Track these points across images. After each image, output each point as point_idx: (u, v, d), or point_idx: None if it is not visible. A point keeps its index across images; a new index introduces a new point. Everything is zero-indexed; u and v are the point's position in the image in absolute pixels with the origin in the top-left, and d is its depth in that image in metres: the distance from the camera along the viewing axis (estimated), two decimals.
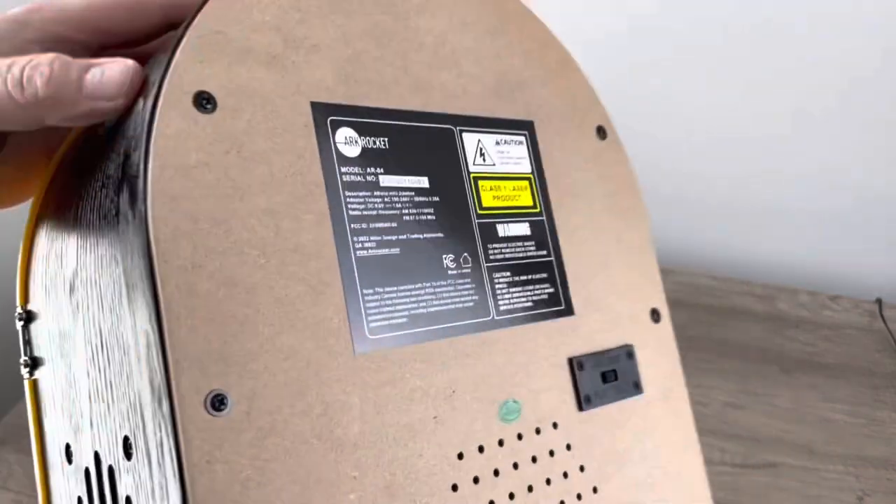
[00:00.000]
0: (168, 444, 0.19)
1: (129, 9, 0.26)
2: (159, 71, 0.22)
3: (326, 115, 0.24)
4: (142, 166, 0.20)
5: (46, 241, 0.27)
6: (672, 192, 0.84)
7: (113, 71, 0.22)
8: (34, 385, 0.27)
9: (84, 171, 0.25)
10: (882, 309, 0.76)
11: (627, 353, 0.31)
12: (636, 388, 0.30)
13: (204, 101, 0.21)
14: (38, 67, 0.22)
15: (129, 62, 0.23)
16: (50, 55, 0.22)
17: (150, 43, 0.28)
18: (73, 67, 0.22)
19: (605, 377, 0.30)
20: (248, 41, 0.23)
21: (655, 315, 0.33)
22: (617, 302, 0.31)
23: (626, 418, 0.30)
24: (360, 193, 0.24)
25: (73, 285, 0.24)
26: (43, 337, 0.26)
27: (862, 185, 0.80)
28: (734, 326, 0.74)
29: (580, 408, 0.28)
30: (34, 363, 0.27)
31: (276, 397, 0.21)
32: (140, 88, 0.23)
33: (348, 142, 0.24)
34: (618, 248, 0.32)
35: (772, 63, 0.76)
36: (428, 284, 0.25)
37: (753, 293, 0.79)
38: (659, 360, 0.32)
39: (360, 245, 0.24)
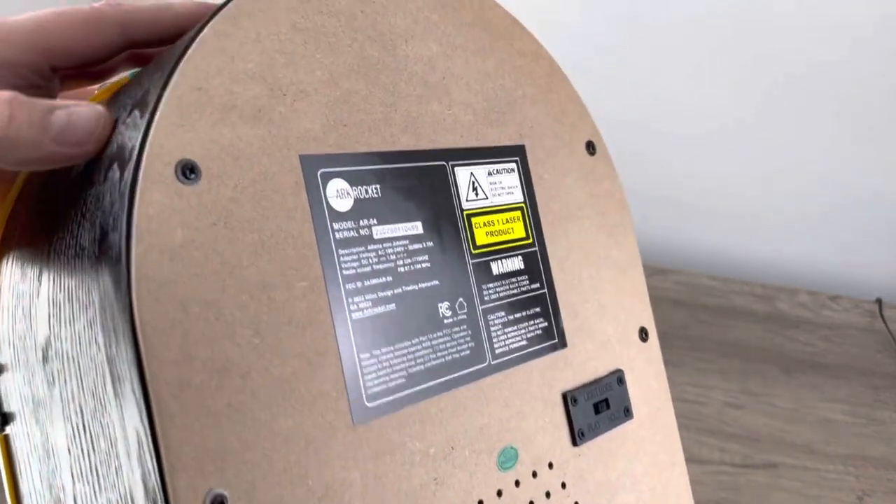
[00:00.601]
0: None
1: (83, 27, 0.24)
2: (136, 135, 0.20)
3: (316, 168, 0.23)
4: (124, 251, 0.19)
5: (10, 294, 0.25)
6: (672, 192, 0.83)
7: (81, 116, 0.21)
8: (6, 441, 0.26)
9: (53, 223, 0.23)
10: (882, 309, 0.76)
11: (618, 378, 0.30)
12: (627, 413, 0.30)
13: (188, 171, 0.20)
14: None
15: (99, 108, 0.21)
16: (6, 94, 0.20)
17: (106, 63, 0.26)
18: (37, 108, 0.20)
19: (597, 408, 0.29)
20: (231, 95, 0.21)
21: (644, 334, 0.32)
22: (608, 326, 0.31)
23: (618, 446, 0.30)
24: (354, 250, 0.23)
25: (47, 355, 0.23)
26: (13, 394, 0.25)
27: (862, 186, 0.80)
28: (734, 326, 0.74)
29: (574, 443, 0.28)
30: (5, 418, 0.26)
31: (277, 486, 0.20)
32: (110, 133, 0.21)
33: (340, 195, 0.23)
34: (607, 267, 0.32)
35: (772, 64, 0.75)
36: (424, 338, 0.24)
37: (753, 293, 0.79)
38: (647, 379, 0.32)
39: (355, 307, 0.23)
